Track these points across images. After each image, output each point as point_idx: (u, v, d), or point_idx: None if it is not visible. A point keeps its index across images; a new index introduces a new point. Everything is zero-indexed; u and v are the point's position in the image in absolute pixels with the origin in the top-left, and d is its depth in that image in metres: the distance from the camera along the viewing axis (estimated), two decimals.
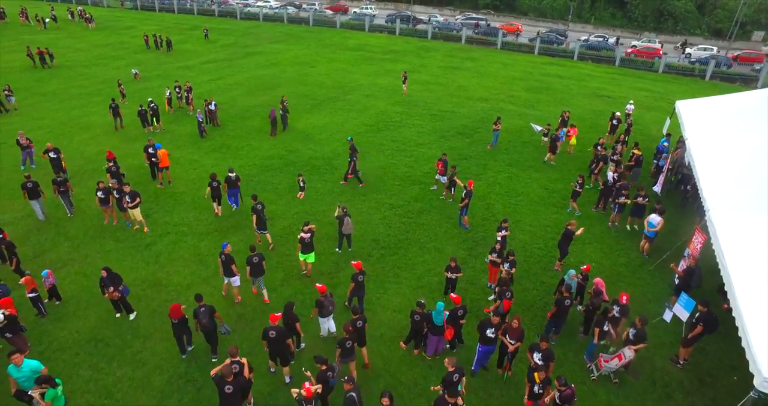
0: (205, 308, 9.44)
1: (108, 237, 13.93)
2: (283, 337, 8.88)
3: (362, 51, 39.79)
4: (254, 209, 13.05)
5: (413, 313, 9.75)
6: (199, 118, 20.89)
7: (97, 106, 25.76)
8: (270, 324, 8.98)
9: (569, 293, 10.13)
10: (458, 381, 8.03)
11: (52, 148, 16.22)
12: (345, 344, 8.74)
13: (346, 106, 25.65)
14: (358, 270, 10.65)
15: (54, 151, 16.22)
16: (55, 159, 16.19)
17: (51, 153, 16.15)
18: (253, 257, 10.89)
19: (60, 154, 16.38)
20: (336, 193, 16.42)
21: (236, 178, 14.72)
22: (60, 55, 35.96)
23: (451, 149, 20.26)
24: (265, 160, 18.86)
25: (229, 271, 10.94)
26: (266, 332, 8.82)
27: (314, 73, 32.18)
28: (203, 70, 32.90)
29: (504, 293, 10.28)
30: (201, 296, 9.74)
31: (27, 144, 17.72)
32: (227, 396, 7.78)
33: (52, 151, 16.18)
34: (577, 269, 11.24)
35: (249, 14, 55.74)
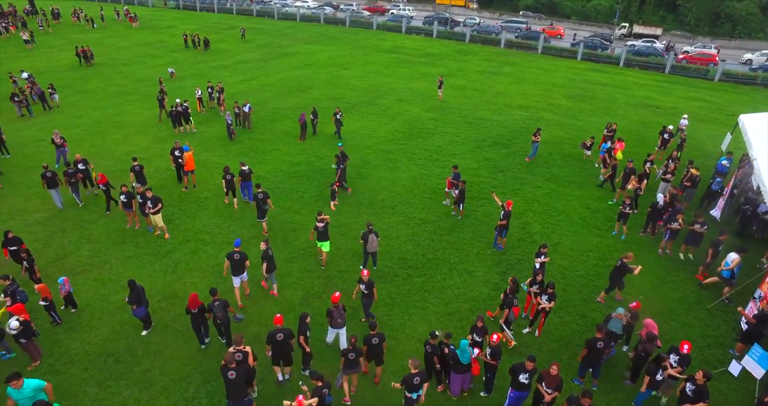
0: (219, 302, 9.61)
1: (129, 242, 13.63)
2: (289, 337, 8.83)
3: (398, 53, 39.03)
4: (255, 197, 13.48)
5: (426, 342, 9.10)
6: (228, 121, 20.59)
7: (132, 104, 25.98)
8: (275, 327, 8.83)
9: (604, 332, 8.97)
10: (419, 384, 7.99)
11: (80, 160, 15.63)
12: (348, 355, 8.49)
13: (379, 110, 24.92)
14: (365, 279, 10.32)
15: (83, 163, 15.61)
16: (84, 171, 15.59)
17: (80, 164, 15.54)
18: (267, 250, 10.96)
19: (89, 165, 15.84)
20: (363, 205, 15.67)
21: (249, 171, 15.02)
22: (103, 54, 36.80)
23: (486, 160, 19.21)
24: (292, 166, 18.32)
25: (242, 268, 10.90)
26: (273, 336, 8.68)
27: (347, 76, 31.62)
28: (237, 70, 32.89)
29: (511, 301, 9.92)
30: (216, 290, 9.81)
31: (61, 143, 17.80)
32: (231, 382, 7.87)
33: (81, 162, 15.58)
34: (623, 305, 10.08)
35: (286, 14, 55.93)
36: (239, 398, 8.06)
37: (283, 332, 8.71)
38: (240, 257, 10.75)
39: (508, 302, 10.09)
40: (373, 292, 10.47)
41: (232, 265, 10.79)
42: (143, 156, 19.20)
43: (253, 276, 11.79)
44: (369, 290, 10.38)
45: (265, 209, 13.51)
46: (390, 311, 11.21)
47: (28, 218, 14.90)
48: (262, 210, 13.48)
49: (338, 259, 13.00)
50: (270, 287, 11.66)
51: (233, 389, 7.93)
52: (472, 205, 15.87)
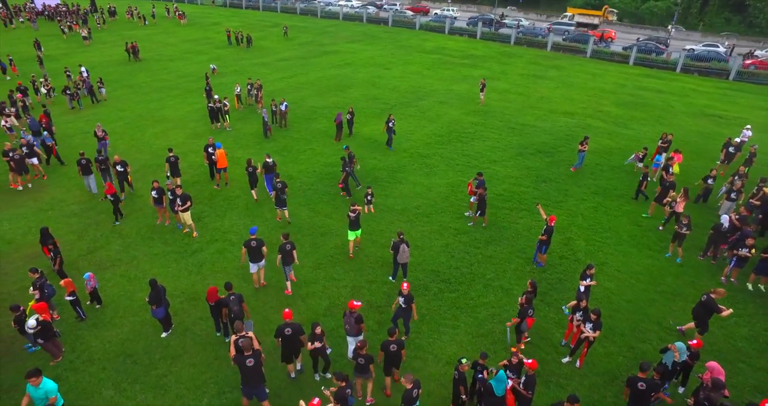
0: (234, 296, 9.51)
1: (158, 239, 13.51)
2: (298, 335, 8.63)
3: (440, 54, 38.16)
4: (274, 186, 13.72)
5: (456, 368, 8.38)
6: (265, 118, 20.41)
7: (174, 99, 26.34)
8: (284, 321, 8.66)
9: (652, 371, 7.92)
10: (417, 397, 7.66)
11: (119, 161, 15.04)
12: (358, 360, 8.24)
13: (418, 112, 24.20)
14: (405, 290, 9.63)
15: (121, 164, 15.05)
16: (122, 172, 15.16)
17: (118, 166, 15.05)
18: (285, 245, 10.83)
19: (127, 167, 15.22)
20: (396, 212, 15.01)
21: (273, 164, 15.18)
22: (151, 50, 37.79)
23: (528, 169, 18.15)
24: (325, 167, 17.87)
25: (259, 256, 10.96)
26: (281, 330, 8.54)
27: (388, 76, 31.05)
28: (277, 68, 32.93)
29: (526, 311, 9.43)
30: (231, 284, 9.70)
31: (102, 136, 18.09)
32: (249, 370, 7.79)
33: (120, 164, 15.03)
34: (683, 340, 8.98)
35: (329, 13, 56.03)
36: (258, 384, 8.04)
37: (291, 326, 8.56)
38: (256, 245, 10.84)
39: (522, 312, 9.52)
40: (412, 307, 9.79)
41: (249, 252, 10.89)
42: (179, 151, 19.16)
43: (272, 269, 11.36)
44: (407, 305, 9.72)
45: (283, 198, 13.74)
46: (419, 328, 10.49)
47: (65, 209, 15.10)
48: (280, 199, 13.73)
49: (367, 268, 12.40)
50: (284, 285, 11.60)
51: (251, 375, 7.87)
52: (511, 216, 14.92)
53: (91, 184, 15.89)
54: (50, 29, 43.87)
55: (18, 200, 15.78)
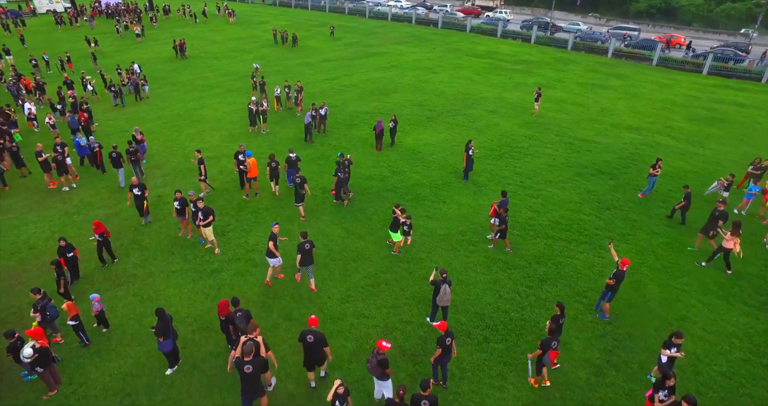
0: (242, 313, 8.88)
1: (177, 254, 12.52)
2: (321, 343, 8.18)
3: (491, 59, 36.08)
4: (294, 182, 13.64)
5: None
6: (308, 121, 19.26)
7: (213, 98, 25.78)
8: (309, 327, 8.29)
9: None
10: None
11: (137, 184, 13.24)
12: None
13: (466, 122, 22.43)
14: (443, 332, 8.31)
15: (139, 188, 13.26)
16: (139, 197, 13.33)
17: (135, 189, 13.21)
18: (304, 244, 10.56)
19: (145, 191, 13.44)
20: (438, 237, 13.39)
21: (296, 159, 14.86)
22: (198, 47, 37.82)
23: (588, 193, 16.06)
24: (363, 180, 16.47)
25: (270, 251, 10.76)
26: (303, 336, 8.16)
27: (435, 81, 29.39)
28: (321, 69, 31.95)
29: (549, 344, 8.38)
30: (238, 299, 9.13)
31: (141, 139, 17.42)
32: (247, 377, 7.46)
33: (137, 187, 13.21)
34: None
35: (378, 13, 54.88)
36: (255, 394, 7.73)
37: (314, 335, 8.12)
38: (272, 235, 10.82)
39: (545, 343, 8.41)
40: (452, 345, 8.48)
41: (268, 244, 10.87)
42: (212, 155, 18.44)
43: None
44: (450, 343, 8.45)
45: (302, 194, 13.54)
46: (458, 387, 8.88)
47: (91, 214, 14.43)
48: (299, 194, 13.56)
49: (402, 304, 10.88)
50: (307, 281, 11.32)
51: (249, 383, 7.54)
52: (569, 249, 12.98)
53: (121, 178, 15.89)
54: (108, 27, 44.92)
55: (48, 201, 15.33)
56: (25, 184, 16.53)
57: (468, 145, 15.93)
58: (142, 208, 13.47)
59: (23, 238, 13.35)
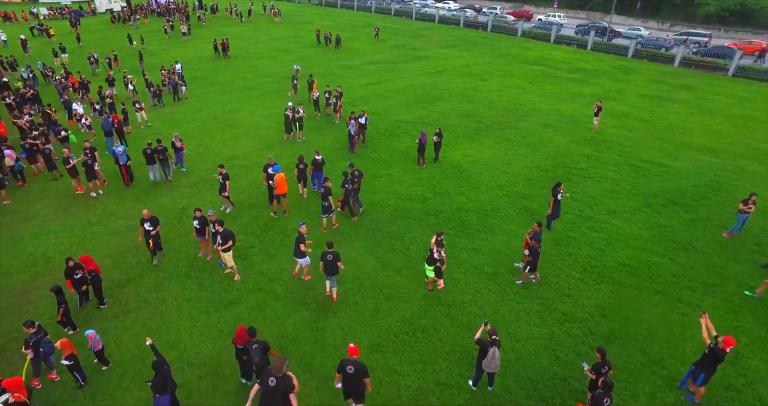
0: (258, 345, 8.01)
1: (195, 278, 11.42)
2: (361, 374, 7.52)
3: (544, 66, 33.75)
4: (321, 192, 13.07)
5: None
6: (351, 130, 17.93)
7: (252, 101, 24.96)
8: (349, 357, 7.59)
9: None
10: None
11: (148, 218, 11.52)
12: None
13: (517, 136, 20.51)
14: None
15: (150, 222, 11.53)
16: (147, 232, 11.58)
17: (147, 224, 11.51)
18: (327, 254, 10.10)
19: (157, 226, 11.65)
20: (485, 275, 11.69)
21: (322, 161, 14.63)
22: (242, 47, 37.43)
23: (660, 228, 13.90)
24: (402, 200, 14.96)
25: (299, 251, 10.54)
26: (343, 366, 7.54)
27: (483, 88, 27.51)
28: (364, 72, 30.68)
29: (602, 400, 7.10)
30: (255, 330, 8.14)
31: (180, 146, 16.52)
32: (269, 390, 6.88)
33: (148, 221, 11.51)
34: None
35: (424, 15, 53.26)
36: None
37: (354, 365, 7.49)
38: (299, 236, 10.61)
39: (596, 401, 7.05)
40: None
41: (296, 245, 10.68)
42: (243, 163, 17.45)
43: None
44: None
45: (325, 205, 12.78)
46: None
47: (111, 226, 13.64)
48: (323, 206, 12.85)
49: (440, 359, 9.30)
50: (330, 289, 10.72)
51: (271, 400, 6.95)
52: (640, 300, 10.98)
53: (155, 174, 15.96)
54: (158, 25, 45.41)
55: (73, 208, 14.69)
56: (55, 188, 16.02)
57: (557, 189, 13.03)
58: (155, 245, 11.76)
59: (42, 249, 12.66)
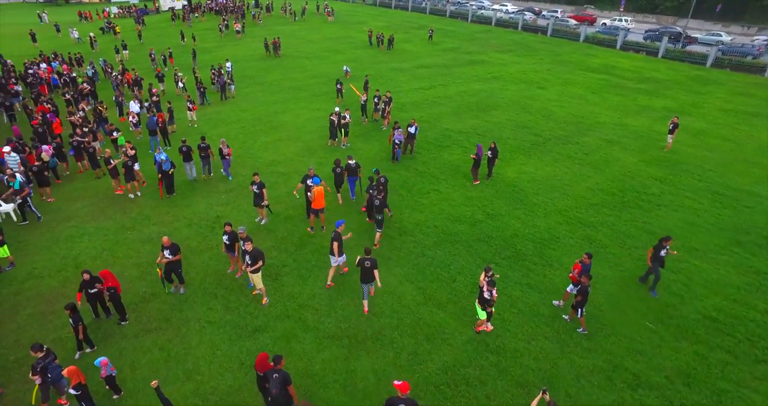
0: (278, 375, 7.22)
1: (220, 298, 10.62)
2: None
3: (608, 75, 31.25)
4: (376, 204, 12.24)
5: None
6: (397, 140, 16.82)
7: (298, 102, 24.35)
8: (399, 396, 6.75)
9: None
10: None
11: (168, 245, 10.26)
12: None
13: (579, 153, 18.64)
14: None
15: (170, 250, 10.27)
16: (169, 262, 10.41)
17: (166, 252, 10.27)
18: (365, 260, 9.63)
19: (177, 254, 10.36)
20: (541, 317, 10.20)
21: (356, 166, 14.04)
22: (293, 46, 37.18)
23: (757, 275, 11.76)
24: (451, 222, 13.61)
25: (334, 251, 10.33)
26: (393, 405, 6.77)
27: (542, 98, 25.61)
28: (415, 76, 29.45)
29: None
30: (281, 357, 7.32)
31: (228, 152, 15.65)
32: None
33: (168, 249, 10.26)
34: None
35: (481, 17, 51.31)
36: None
37: (406, 403, 6.67)
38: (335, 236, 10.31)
39: None
40: None
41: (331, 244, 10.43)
42: (282, 170, 16.69)
43: None
44: None
45: (379, 219, 12.20)
46: None
47: (144, 231, 13.16)
48: (378, 220, 12.25)
49: None
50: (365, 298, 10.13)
51: None
52: (737, 370, 9.09)
53: (192, 171, 15.80)
54: (215, 23, 46.13)
55: (110, 210, 14.39)
56: (97, 187, 15.87)
57: (663, 243, 10.75)
58: (169, 274, 10.60)
59: (74, 253, 12.32)
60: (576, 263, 10.22)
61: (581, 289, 9.39)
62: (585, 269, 9.90)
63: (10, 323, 10.04)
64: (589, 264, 9.99)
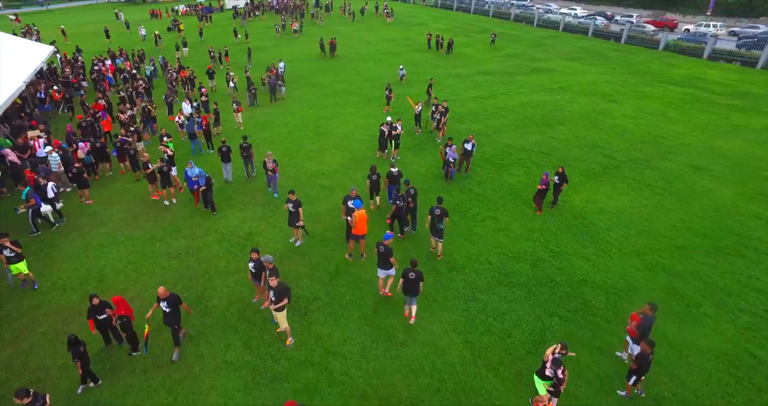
0: None
1: (241, 333, 9.50)
2: None
3: (693, 88, 27.90)
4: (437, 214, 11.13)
5: None
6: (451, 158, 15.24)
7: (348, 107, 23.24)
8: None
9: None
10: None
11: (164, 297, 8.62)
12: None
13: (660, 181, 16.20)
14: None
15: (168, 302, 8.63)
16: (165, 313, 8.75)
17: (163, 304, 8.64)
18: (409, 272, 9.18)
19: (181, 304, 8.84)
20: (617, 393, 8.30)
21: (398, 174, 13.36)
22: (349, 47, 36.34)
23: None
24: (507, 258, 11.83)
25: (387, 263, 9.77)
26: None
27: (615, 113, 23.03)
28: (474, 83, 27.59)
29: None
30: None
31: (273, 168, 14.11)
32: None
33: (165, 301, 8.63)
34: None
35: (547, 22, 48.30)
36: None
37: None
38: (385, 251, 9.70)
39: None
40: None
41: (378, 257, 9.86)
42: (325, 183, 15.54)
43: None
44: None
45: (440, 228, 11.25)
46: None
47: (173, 245, 12.36)
48: (437, 228, 11.29)
49: None
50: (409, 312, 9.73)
51: None
52: None
53: (227, 173, 15.41)
54: (273, 22, 46.23)
55: (143, 217, 13.78)
56: (135, 190, 15.39)
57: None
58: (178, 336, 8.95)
59: (100, 264, 11.69)
60: (634, 313, 8.40)
61: (640, 356, 7.60)
62: (645, 324, 8.12)
63: (23, 341, 9.41)
64: (651, 318, 8.18)
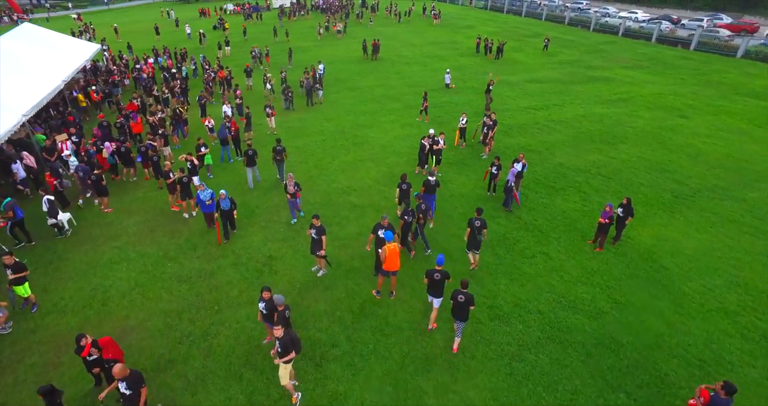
0: None
1: (245, 383, 8.20)
2: None
3: None
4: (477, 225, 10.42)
5: None
6: (512, 182, 13.42)
7: (389, 115, 21.81)
8: None
9: None
10: None
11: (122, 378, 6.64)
12: None
13: (746, 214, 13.80)
14: None
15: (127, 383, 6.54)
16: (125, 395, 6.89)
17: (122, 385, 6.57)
18: (458, 294, 8.35)
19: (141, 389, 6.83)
20: None
21: (435, 184, 12.36)
22: (393, 49, 35.04)
23: None
24: (560, 307, 10.01)
25: (440, 292, 8.91)
26: None
27: (685, 130, 20.45)
28: (525, 92, 25.54)
29: None
30: None
31: (294, 192, 12.35)
32: None
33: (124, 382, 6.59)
34: None
35: (605, 26, 45.13)
36: None
37: None
38: (441, 277, 8.78)
39: None
40: None
41: (429, 284, 8.98)
42: (356, 201, 14.14)
43: None
44: None
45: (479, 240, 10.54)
46: None
47: (185, 266, 11.28)
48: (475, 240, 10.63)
49: None
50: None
51: None
52: None
53: (250, 178, 14.85)
54: (316, 22, 45.53)
55: (159, 231, 12.87)
56: (155, 199, 14.55)
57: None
58: None
59: (107, 283, 10.77)
60: (703, 389, 6.71)
61: None
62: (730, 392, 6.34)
63: (9, 375, 8.49)
64: (724, 402, 6.43)
